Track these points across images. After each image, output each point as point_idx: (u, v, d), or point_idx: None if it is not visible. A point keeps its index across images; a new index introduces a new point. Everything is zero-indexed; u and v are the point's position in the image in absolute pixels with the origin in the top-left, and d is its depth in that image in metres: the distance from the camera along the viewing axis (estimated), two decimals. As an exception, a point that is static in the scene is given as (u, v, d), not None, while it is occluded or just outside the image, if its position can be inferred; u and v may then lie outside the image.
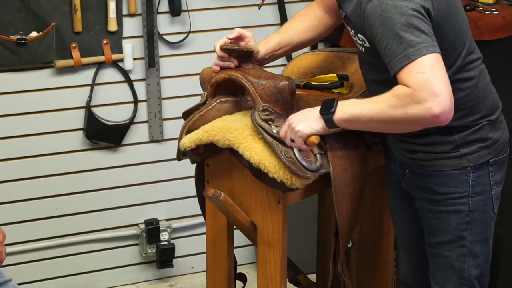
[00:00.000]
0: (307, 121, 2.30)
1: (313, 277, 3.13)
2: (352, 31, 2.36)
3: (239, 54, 2.48)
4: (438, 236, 2.42)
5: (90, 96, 3.43)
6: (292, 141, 2.32)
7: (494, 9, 3.17)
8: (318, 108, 2.29)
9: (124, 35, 3.43)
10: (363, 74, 2.48)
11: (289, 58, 3.53)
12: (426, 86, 2.08)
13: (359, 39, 2.33)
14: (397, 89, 2.14)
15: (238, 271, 2.73)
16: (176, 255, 3.68)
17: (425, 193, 2.42)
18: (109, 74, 3.46)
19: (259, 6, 3.03)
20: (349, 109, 2.24)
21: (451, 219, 2.39)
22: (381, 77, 2.32)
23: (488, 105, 2.37)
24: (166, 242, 3.66)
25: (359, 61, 2.50)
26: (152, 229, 3.63)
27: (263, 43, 2.59)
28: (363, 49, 2.35)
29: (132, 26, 3.44)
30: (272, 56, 2.60)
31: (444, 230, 2.41)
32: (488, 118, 2.36)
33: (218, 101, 2.50)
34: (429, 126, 2.17)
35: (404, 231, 2.65)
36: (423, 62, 2.10)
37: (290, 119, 2.34)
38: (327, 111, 2.26)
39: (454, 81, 2.27)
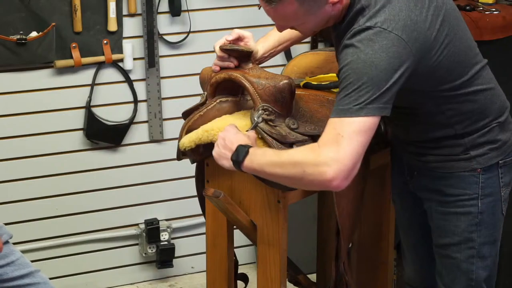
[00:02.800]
0: (222, 154, 2.26)
1: (313, 277, 3.13)
2: None
3: (239, 54, 2.48)
4: (447, 238, 2.42)
5: (90, 96, 3.43)
6: None
7: (494, 9, 3.18)
8: (235, 145, 2.23)
9: (124, 35, 3.43)
10: None
11: (289, 58, 3.53)
12: (333, 149, 2.04)
13: None
14: (307, 146, 2.13)
15: (238, 271, 2.73)
16: (176, 255, 3.69)
17: (434, 195, 2.42)
18: (109, 74, 3.46)
19: (259, 6, 3.02)
20: (257, 160, 2.18)
21: (460, 221, 2.38)
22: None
23: (497, 108, 2.36)
24: (166, 242, 3.66)
25: None
26: (152, 229, 3.63)
27: (262, 41, 2.59)
28: None
29: (132, 26, 3.45)
30: (272, 54, 2.60)
31: (452, 232, 2.40)
32: (497, 120, 2.35)
33: (218, 101, 2.50)
34: (324, 189, 2.14)
35: (409, 232, 2.64)
36: (351, 126, 2.05)
37: (220, 137, 2.28)
38: (237, 159, 2.21)
39: (461, 95, 2.28)
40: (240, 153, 2.21)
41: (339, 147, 2.03)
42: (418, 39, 2.12)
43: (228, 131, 2.29)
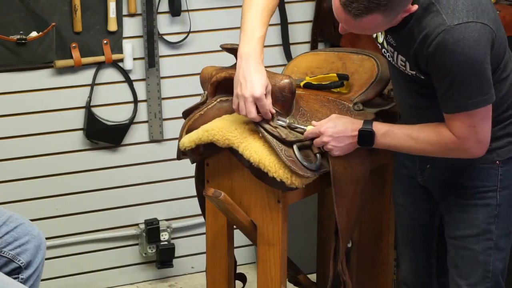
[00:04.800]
0: (342, 146, 2.37)
1: (313, 277, 3.13)
2: (398, 61, 2.36)
3: (239, 53, 2.47)
4: (465, 230, 2.43)
5: (90, 96, 3.43)
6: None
7: (494, 9, 3.17)
8: (355, 132, 2.36)
9: (124, 35, 3.43)
10: (397, 84, 2.48)
11: (289, 58, 3.54)
12: (473, 137, 2.24)
13: (406, 68, 2.34)
14: (443, 136, 2.26)
15: (238, 271, 2.73)
16: (176, 255, 3.68)
17: (451, 187, 2.44)
18: (109, 74, 3.46)
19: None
20: (387, 141, 2.35)
21: (479, 213, 2.41)
22: (426, 92, 2.34)
23: None
24: (166, 242, 3.66)
25: (392, 73, 2.49)
26: (152, 229, 3.63)
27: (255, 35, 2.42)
28: (410, 74, 2.35)
29: (132, 26, 3.44)
30: None
31: (471, 224, 2.42)
32: None
33: (218, 100, 2.50)
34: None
35: (410, 229, 2.64)
36: (477, 116, 2.22)
37: (324, 128, 2.37)
38: (366, 143, 2.36)
39: (494, 84, 2.28)
40: (368, 137, 2.36)
41: (476, 134, 2.24)
42: (492, 19, 2.21)
43: (332, 124, 2.38)
